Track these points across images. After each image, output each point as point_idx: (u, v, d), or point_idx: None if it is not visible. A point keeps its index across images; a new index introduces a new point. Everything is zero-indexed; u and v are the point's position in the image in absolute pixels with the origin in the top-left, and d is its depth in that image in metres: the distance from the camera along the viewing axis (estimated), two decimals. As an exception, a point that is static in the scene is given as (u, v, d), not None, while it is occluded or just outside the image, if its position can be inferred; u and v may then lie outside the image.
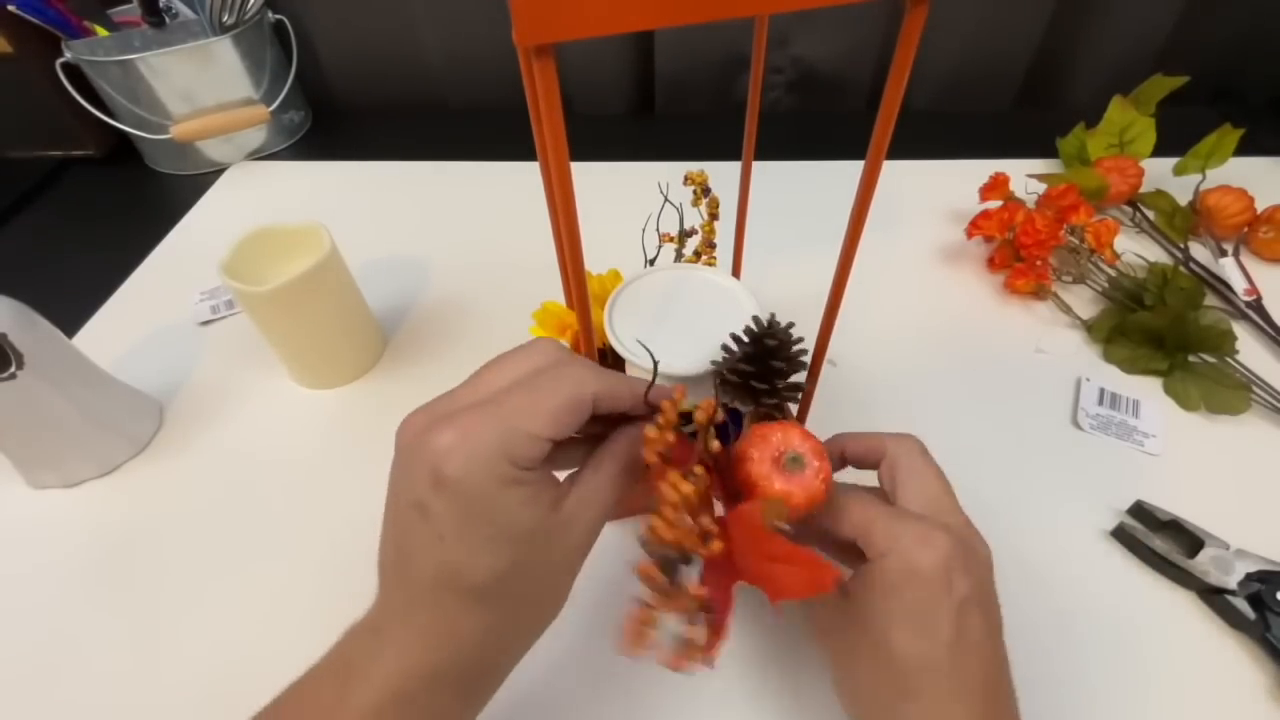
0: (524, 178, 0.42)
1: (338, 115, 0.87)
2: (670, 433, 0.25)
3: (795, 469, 0.28)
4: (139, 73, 0.68)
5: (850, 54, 0.81)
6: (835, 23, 0.78)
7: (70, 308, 0.57)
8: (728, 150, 0.43)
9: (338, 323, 0.49)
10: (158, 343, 0.56)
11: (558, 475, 0.26)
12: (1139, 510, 0.40)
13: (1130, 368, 0.50)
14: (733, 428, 0.31)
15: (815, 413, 0.37)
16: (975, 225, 0.58)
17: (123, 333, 0.56)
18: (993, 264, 0.58)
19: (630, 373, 0.36)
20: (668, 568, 0.23)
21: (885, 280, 0.57)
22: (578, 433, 0.25)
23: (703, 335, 0.33)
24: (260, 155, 0.79)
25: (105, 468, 0.46)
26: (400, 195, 0.72)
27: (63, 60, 0.69)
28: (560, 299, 0.41)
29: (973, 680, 0.26)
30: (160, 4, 0.73)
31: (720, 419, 0.28)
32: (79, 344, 0.45)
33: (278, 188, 0.74)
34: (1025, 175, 0.63)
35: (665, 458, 0.25)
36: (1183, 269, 0.56)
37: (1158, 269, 0.54)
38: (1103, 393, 0.48)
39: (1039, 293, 0.55)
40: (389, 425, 0.25)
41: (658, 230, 0.44)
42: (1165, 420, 0.46)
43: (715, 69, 0.83)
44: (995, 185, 0.61)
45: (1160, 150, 0.63)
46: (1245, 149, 0.62)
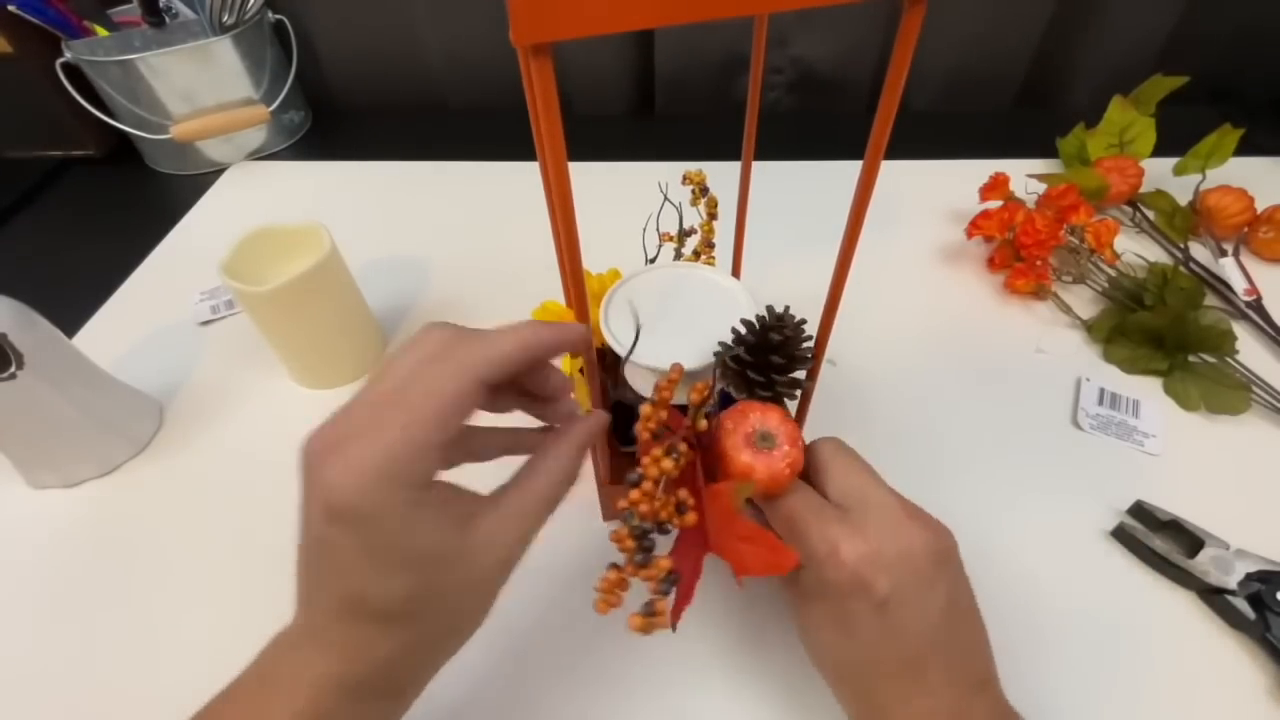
0: (524, 178, 0.42)
1: (338, 115, 0.87)
2: (664, 411, 0.26)
3: (765, 446, 0.29)
4: (139, 73, 0.68)
5: (850, 54, 0.81)
6: (835, 23, 0.78)
7: (70, 308, 0.57)
8: (728, 150, 0.43)
9: (338, 323, 0.49)
10: (158, 343, 0.56)
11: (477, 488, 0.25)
12: (1139, 510, 0.40)
13: (1130, 368, 0.50)
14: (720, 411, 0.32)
15: (815, 412, 0.37)
16: (975, 225, 0.58)
17: (123, 333, 0.56)
18: (993, 264, 0.58)
19: (628, 372, 0.36)
20: (641, 537, 0.25)
21: (885, 280, 0.57)
22: (499, 407, 0.27)
23: (700, 333, 0.33)
24: (260, 155, 0.79)
25: (105, 468, 0.46)
26: (400, 195, 0.72)
27: (63, 60, 0.69)
28: (561, 298, 0.41)
29: (900, 664, 0.27)
30: (160, 4, 0.73)
31: (711, 402, 0.29)
32: (79, 344, 0.45)
33: (278, 188, 0.74)
34: (1025, 175, 0.63)
35: (655, 434, 0.26)
36: (1183, 269, 0.56)
37: (1158, 269, 0.54)
38: (1103, 393, 0.48)
39: (1039, 293, 0.55)
40: (388, 425, 0.25)
41: (658, 230, 0.44)
42: (1165, 420, 0.46)
43: (715, 69, 0.83)
44: (995, 185, 0.61)
45: (1160, 150, 0.63)
46: (1245, 149, 0.62)
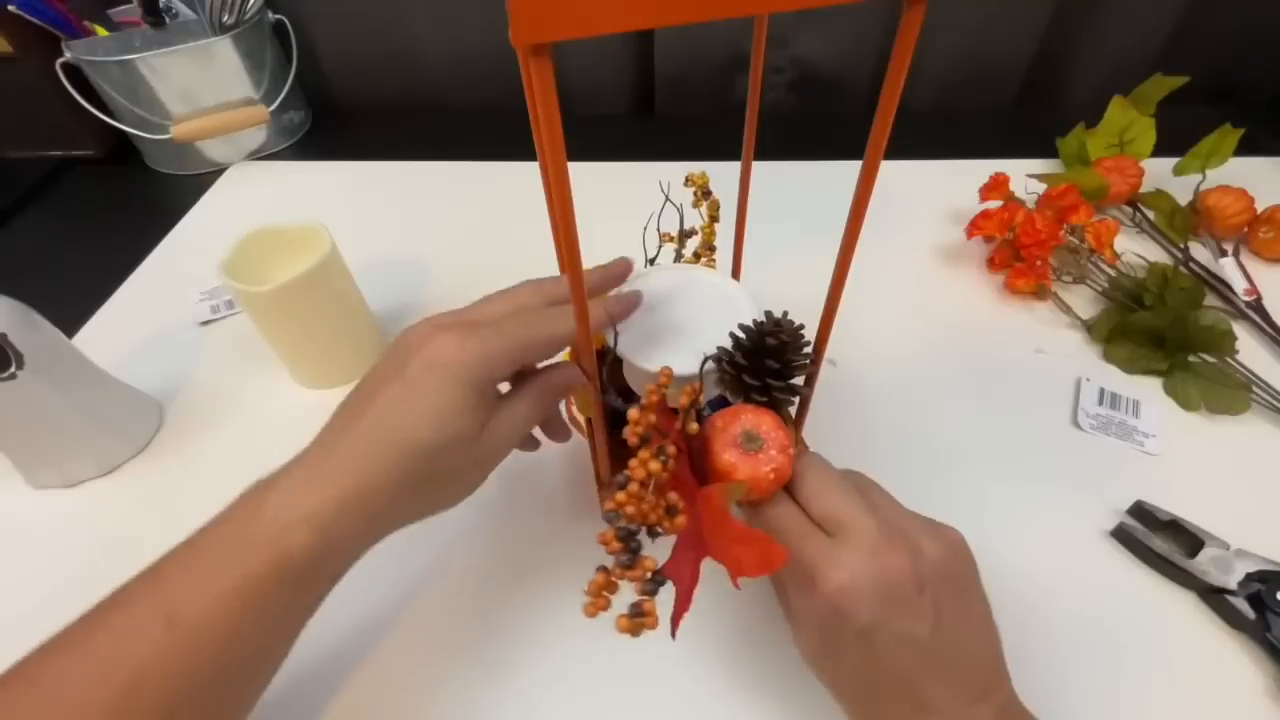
0: (524, 178, 0.42)
1: (338, 115, 0.87)
2: (652, 414, 0.27)
3: (751, 449, 0.29)
4: (139, 73, 0.68)
5: (850, 54, 0.81)
6: (835, 23, 0.78)
7: (70, 308, 0.57)
8: (728, 150, 0.43)
9: (338, 323, 0.49)
10: (158, 343, 0.56)
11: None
12: (1139, 510, 0.40)
13: (1130, 368, 0.50)
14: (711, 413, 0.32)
15: (815, 413, 0.36)
16: (975, 225, 0.58)
17: (123, 333, 0.56)
18: (993, 264, 0.58)
19: (628, 373, 0.36)
20: (627, 539, 0.25)
21: (885, 280, 0.57)
22: None
23: (699, 337, 0.33)
24: (260, 155, 0.79)
25: (105, 468, 0.46)
26: (400, 195, 0.72)
27: (63, 60, 0.69)
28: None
29: (893, 685, 0.27)
30: (160, 4, 0.73)
31: (700, 404, 0.29)
32: (79, 344, 0.45)
33: (278, 188, 0.74)
34: (1025, 175, 0.63)
35: (643, 438, 0.27)
36: (1183, 269, 0.56)
37: (1158, 269, 0.54)
38: (1103, 393, 0.48)
39: (1039, 293, 0.55)
40: (389, 425, 0.25)
41: (658, 230, 0.44)
42: (1165, 420, 0.46)
43: (715, 69, 0.82)
44: (995, 185, 0.61)
45: (1160, 150, 0.63)
46: (1245, 149, 0.62)
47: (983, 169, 0.62)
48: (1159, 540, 0.39)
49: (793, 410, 0.35)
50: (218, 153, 0.77)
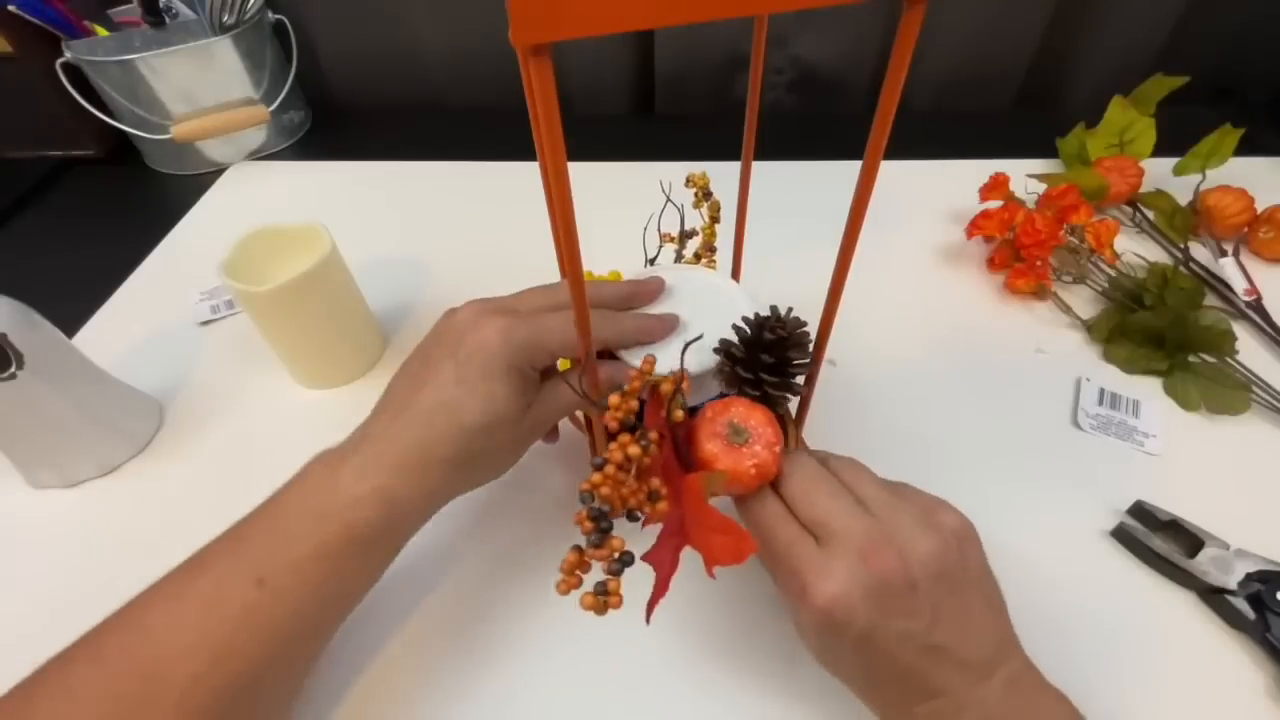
0: (524, 178, 0.42)
1: (338, 115, 0.87)
2: (634, 401, 0.28)
3: (736, 441, 0.29)
4: (139, 73, 0.68)
5: (850, 54, 0.81)
6: (835, 23, 0.78)
7: (70, 308, 0.57)
8: (728, 150, 0.43)
9: (338, 323, 0.49)
10: (158, 343, 0.56)
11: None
12: (1139, 510, 0.40)
13: (1130, 368, 0.50)
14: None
15: (815, 412, 0.36)
16: (975, 225, 0.58)
17: (123, 333, 0.56)
18: (993, 264, 0.58)
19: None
20: (598, 519, 0.26)
21: (885, 280, 0.57)
22: None
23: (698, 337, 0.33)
24: (260, 155, 0.79)
25: (105, 468, 0.46)
26: (400, 195, 0.72)
27: (63, 60, 0.69)
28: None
29: (895, 676, 0.27)
30: (160, 4, 0.73)
31: (684, 391, 0.29)
32: (79, 344, 0.45)
33: (278, 188, 0.74)
34: (1025, 175, 0.63)
35: (625, 425, 0.28)
36: (1183, 269, 0.56)
37: (1158, 269, 0.54)
38: (1103, 393, 0.48)
39: (1039, 293, 0.55)
40: (388, 425, 0.25)
41: (659, 230, 0.44)
42: (1165, 420, 0.46)
43: (715, 69, 0.82)
44: (995, 185, 0.61)
45: (1160, 150, 0.63)
46: (1245, 149, 0.62)
47: (983, 169, 0.62)
48: (1159, 540, 0.39)
49: (792, 408, 0.35)
50: (218, 153, 0.77)
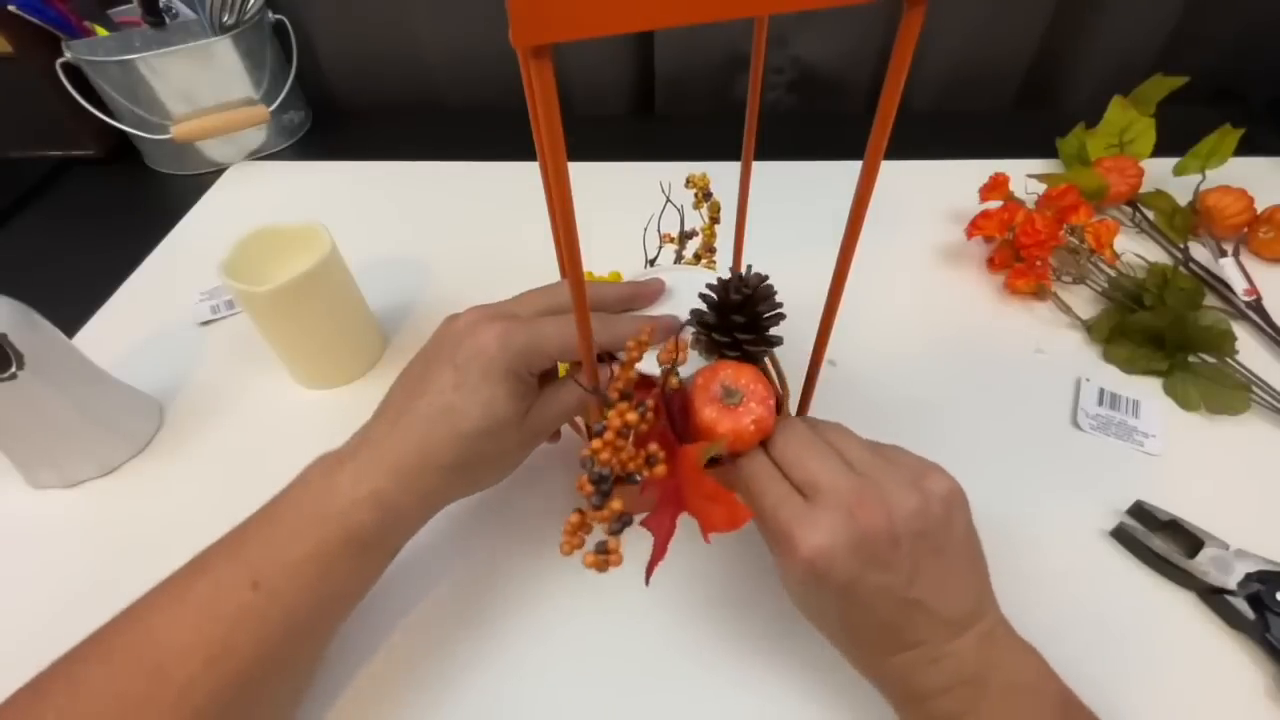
0: (524, 178, 0.42)
1: (338, 115, 0.87)
2: (631, 370, 0.29)
3: (730, 402, 0.30)
4: (139, 73, 0.68)
5: (850, 54, 0.81)
6: (835, 23, 0.78)
7: (70, 308, 0.57)
8: (728, 150, 0.43)
9: (338, 323, 0.49)
10: (158, 343, 0.56)
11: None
12: (1139, 510, 0.40)
13: (1130, 368, 0.50)
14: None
15: (815, 413, 0.36)
16: (975, 225, 0.58)
17: (123, 333, 0.56)
18: (993, 264, 0.58)
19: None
20: (599, 482, 0.27)
21: (885, 280, 0.57)
22: None
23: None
24: (260, 155, 0.79)
25: (105, 468, 0.46)
26: (400, 195, 0.72)
27: (63, 60, 0.69)
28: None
29: (875, 631, 0.29)
30: (160, 4, 0.73)
31: (680, 362, 0.30)
32: (79, 344, 0.45)
33: (278, 188, 0.74)
34: (1025, 175, 0.63)
35: (625, 394, 0.29)
36: (1183, 269, 0.56)
37: (1158, 269, 0.54)
38: (1103, 393, 0.48)
39: (1039, 293, 0.55)
40: (388, 425, 0.25)
41: (659, 230, 0.44)
42: (1165, 420, 0.46)
43: (715, 69, 0.82)
44: (995, 185, 0.61)
45: (1160, 150, 0.63)
46: (1245, 149, 0.62)
47: (983, 169, 0.62)
48: (1159, 540, 0.39)
49: (769, 363, 0.35)
50: (218, 153, 0.77)
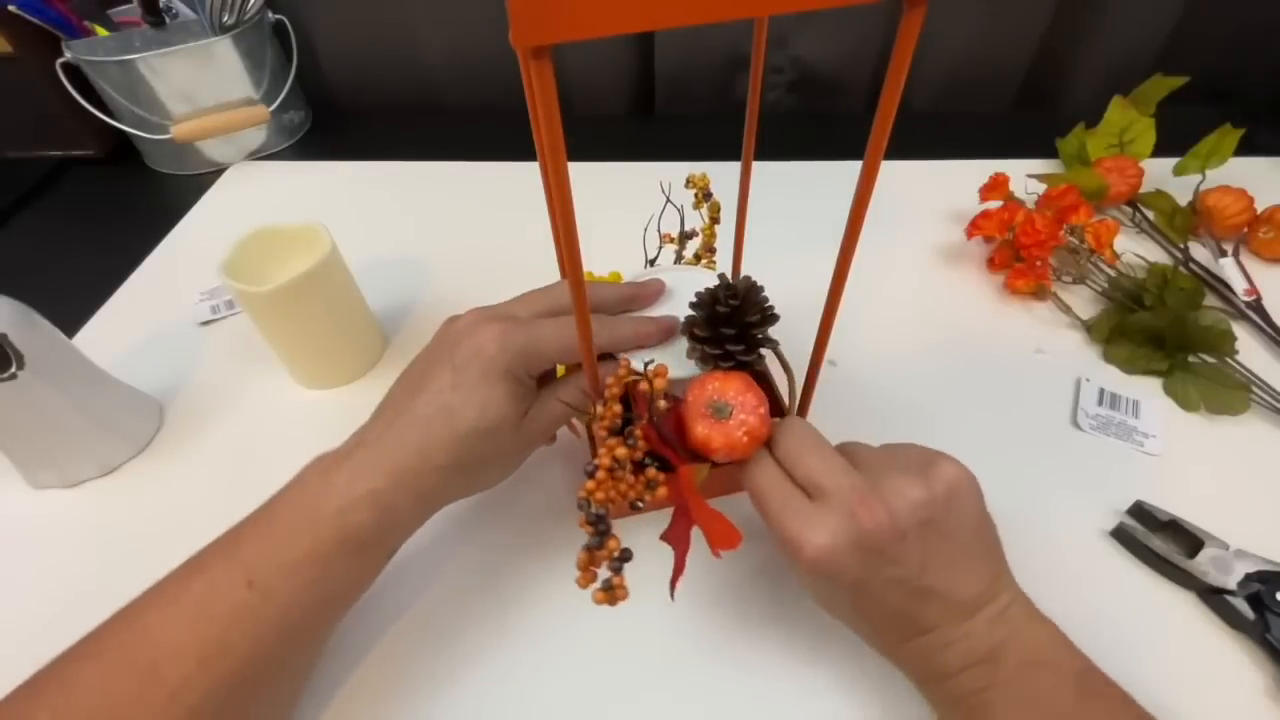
0: (524, 178, 0.42)
1: (338, 115, 0.87)
2: (617, 406, 0.29)
3: (719, 417, 0.30)
4: (139, 73, 0.68)
5: (850, 54, 0.81)
6: (835, 23, 0.78)
7: (70, 308, 0.57)
8: (728, 150, 0.43)
9: (338, 323, 0.49)
10: (158, 343, 0.56)
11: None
12: (1139, 510, 0.40)
13: (1130, 368, 0.50)
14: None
15: (815, 413, 0.36)
16: (975, 225, 0.58)
17: (123, 333, 0.56)
18: (993, 264, 0.58)
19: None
20: (596, 523, 0.28)
21: (885, 280, 0.57)
22: None
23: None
24: (260, 155, 0.79)
25: (105, 468, 0.46)
26: (400, 195, 0.72)
27: (63, 60, 0.69)
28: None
29: (885, 619, 0.30)
30: (160, 4, 0.73)
31: (665, 387, 0.30)
32: (79, 344, 0.45)
33: (278, 188, 0.74)
34: (1025, 175, 0.63)
35: (612, 429, 0.29)
36: (1183, 269, 0.56)
37: (1158, 269, 0.54)
38: (1103, 393, 0.48)
39: (1039, 293, 0.55)
40: (388, 425, 0.25)
41: (659, 230, 0.44)
42: (1165, 420, 0.46)
43: (715, 69, 0.82)
44: (995, 185, 0.61)
45: (1160, 150, 0.63)
46: (1245, 149, 0.62)
47: (983, 169, 0.62)
48: (1159, 540, 0.39)
49: (774, 358, 0.35)
50: (218, 153, 0.77)
